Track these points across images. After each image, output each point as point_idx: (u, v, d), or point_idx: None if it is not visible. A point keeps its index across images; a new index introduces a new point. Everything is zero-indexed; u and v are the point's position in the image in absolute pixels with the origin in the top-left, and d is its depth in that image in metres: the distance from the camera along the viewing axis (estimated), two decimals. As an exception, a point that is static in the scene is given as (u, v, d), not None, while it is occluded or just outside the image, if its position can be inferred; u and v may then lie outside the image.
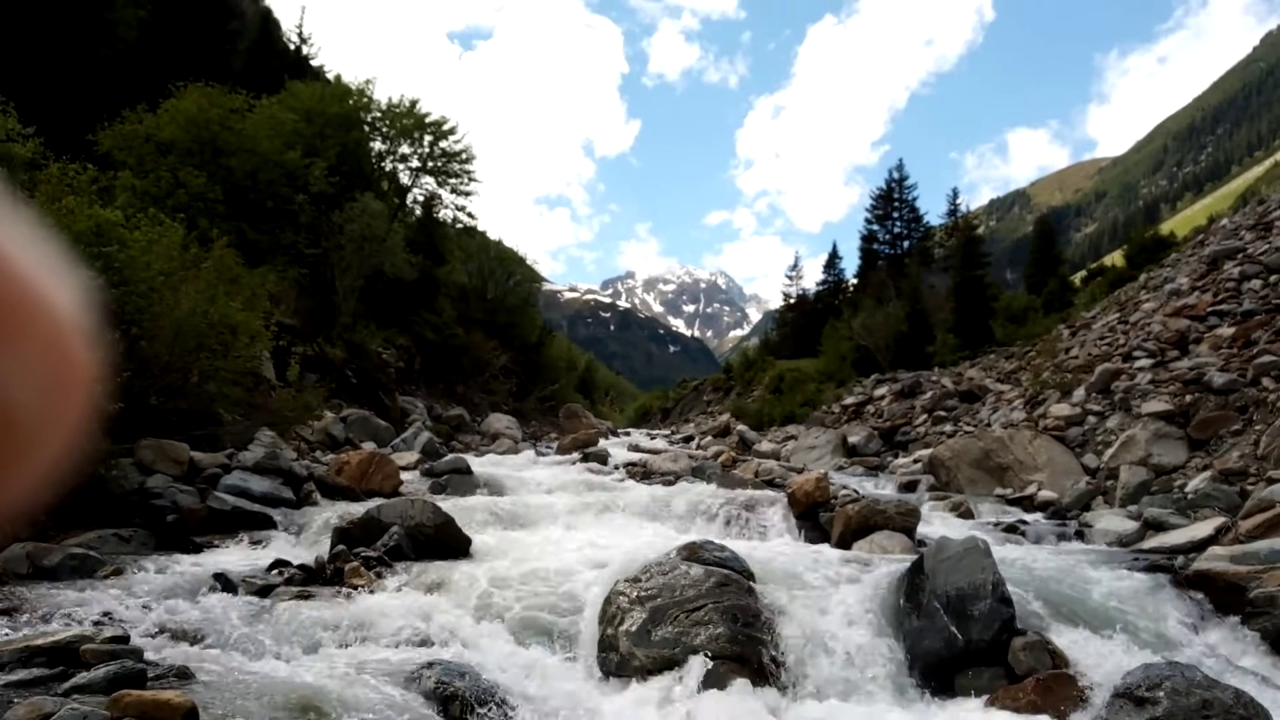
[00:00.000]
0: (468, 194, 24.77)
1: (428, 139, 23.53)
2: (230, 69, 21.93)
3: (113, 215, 7.56)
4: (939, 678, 4.06)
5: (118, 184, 13.49)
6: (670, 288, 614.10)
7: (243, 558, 5.81)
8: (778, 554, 5.59)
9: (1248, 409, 8.61)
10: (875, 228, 41.59)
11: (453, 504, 6.88)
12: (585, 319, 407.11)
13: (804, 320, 42.59)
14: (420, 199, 25.67)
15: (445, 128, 23.52)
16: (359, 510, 6.22)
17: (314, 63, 29.93)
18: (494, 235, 30.37)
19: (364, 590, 4.76)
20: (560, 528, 6.96)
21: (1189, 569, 4.98)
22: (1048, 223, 39.03)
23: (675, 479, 9.68)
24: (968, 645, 4.04)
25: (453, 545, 5.65)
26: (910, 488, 10.33)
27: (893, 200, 41.24)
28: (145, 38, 20.23)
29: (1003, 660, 4.01)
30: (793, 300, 48.87)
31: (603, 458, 11.97)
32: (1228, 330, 10.57)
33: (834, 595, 4.62)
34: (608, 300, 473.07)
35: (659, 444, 16.60)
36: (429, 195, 25.39)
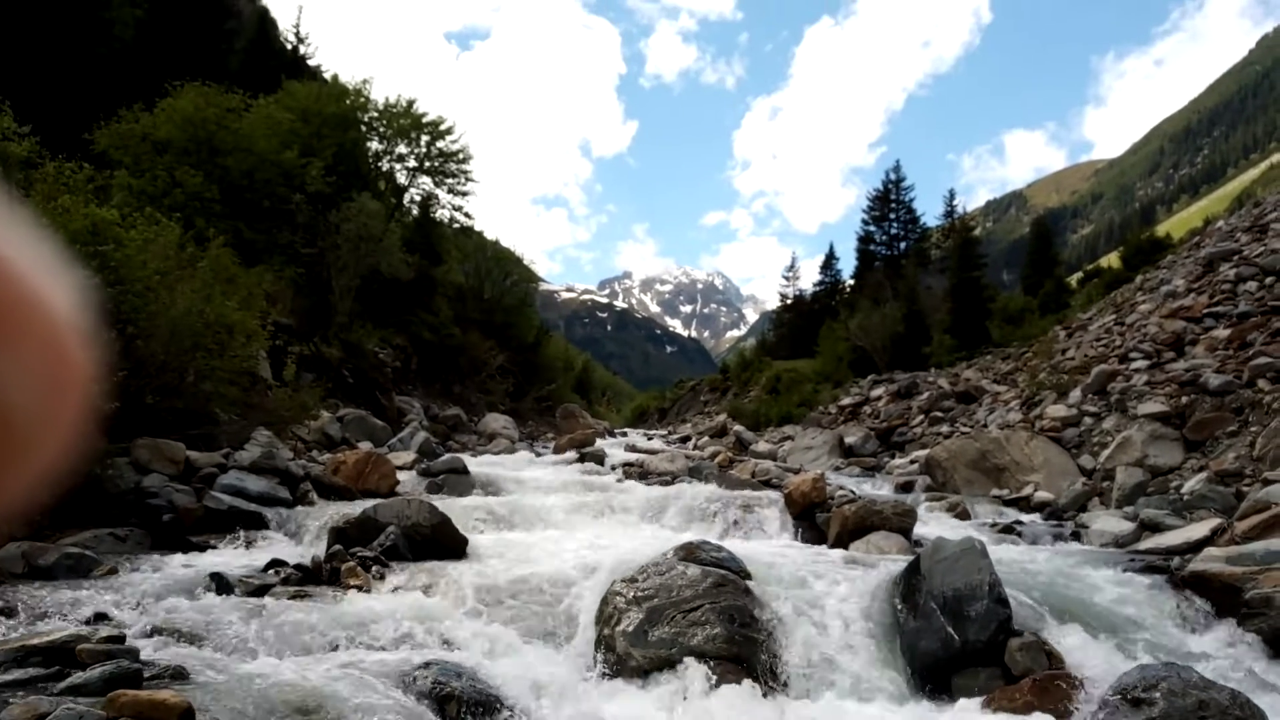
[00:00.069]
0: (465, 194, 24.77)
1: (425, 139, 23.51)
2: (227, 68, 21.90)
3: (109, 214, 7.53)
4: (936, 678, 4.07)
5: (114, 183, 13.46)
6: (667, 288, 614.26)
7: (239, 557, 5.79)
8: (775, 554, 5.58)
9: (1243, 410, 8.64)
10: (872, 229, 41.68)
11: (449, 504, 6.87)
12: (582, 319, 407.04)
13: (801, 321, 42.65)
14: (417, 199, 25.67)
15: (442, 127, 23.51)
16: (355, 510, 6.20)
17: (311, 62, 29.90)
18: (491, 235, 30.41)
19: (360, 590, 4.75)
20: (557, 528, 6.95)
21: (1185, 570, 4.99)
22: (1044, 224, 39.10)
23: (672, 479, 9.67)
24: (964, 646, 4.04)
25: (449, 545, 5.64)
26: (907, 488, 10.34)
27: (890, 201, 41.32)
28: (142, 37, 20.20)
29: (999, 661, 4.01)
30: (789, 301, 48.95)
31: (600, 458, 11.96)
32: (1224, 332, 10.60)
33: (831, 595, 4.62)
34: (605, 300, 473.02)
35: (656, 444, 16.60)
36: (426, 195, 25.40)
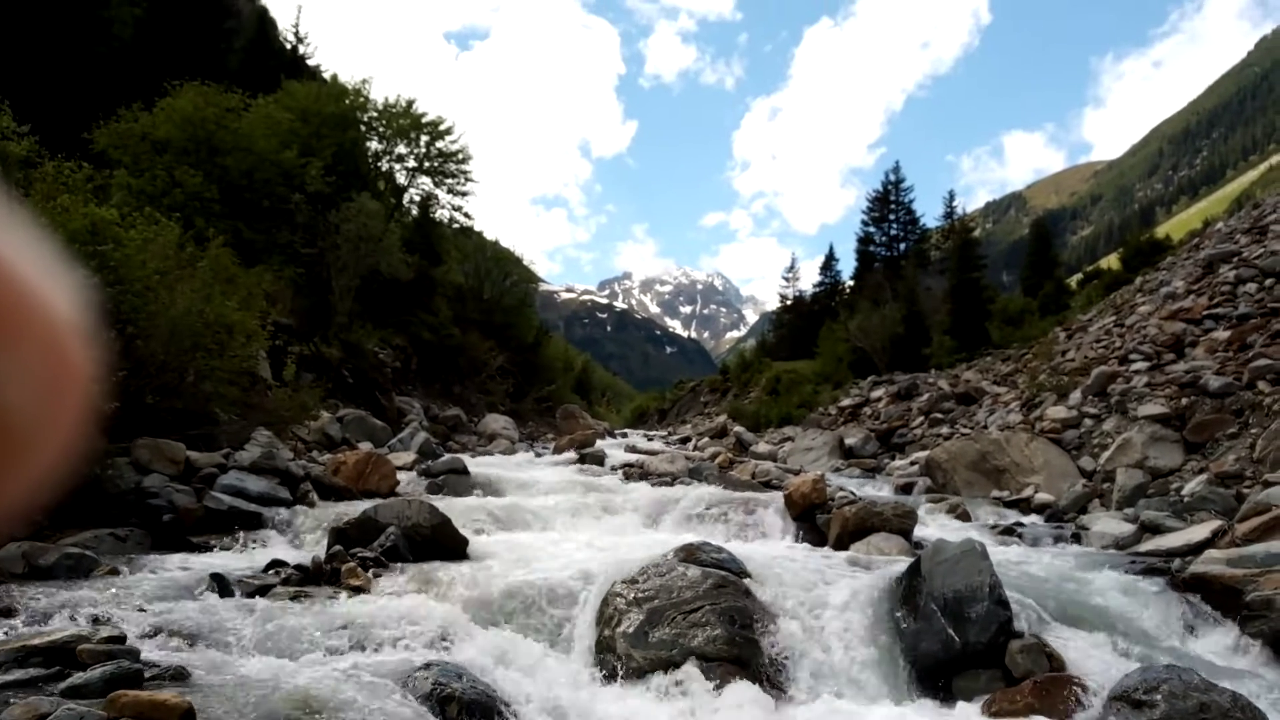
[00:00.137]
0: (464, 194, 24.76)
1: (424, 139, 23.50)
2: (226, 68, 21.89)
3: (108, 214, 7.52)
4: (936, 680, 4.06)
5: (113, 183, 13.45)
6: (667, 289, 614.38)
7: (239, 558, 5.79)
8: (775, 555, 5.58)
9: (1243, 412, 8.64)
10: (872, 230, 41.70)
11: (449, 504, 6.86)
12: (582, 319, 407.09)
13: (801, 322, 42.67)
14: (417, 199, 25.66)
15: (442, 128, 23.50)
16: (355, 510, 6.19)
17: (310, 62, 29.89)
18: (491, 235, 30.41)
19: (361, 591, 4.75)
20: (557, 529, 6.95)
21: (1185, 572, 4.99)
22: (1044, 225, 39.08)
23: (672, 480, 9.67)
24: (965, 647, 4.04)
25: (450, 546, 5.63)
26: (907, 490, 10.34)
27: (889, 202, 41.33)
28: (141, 36, 20.19)
29: (1000, 663, 4.01)
30: (789, 302, 48.97)
31: (600, 459, 11.96)
32: (1223, 333, 10.60)
33: (831, 597, 4.61)
34: (604, 301, 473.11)
35: (656, 445, 16.60)
36: (425, 195, 25.39)
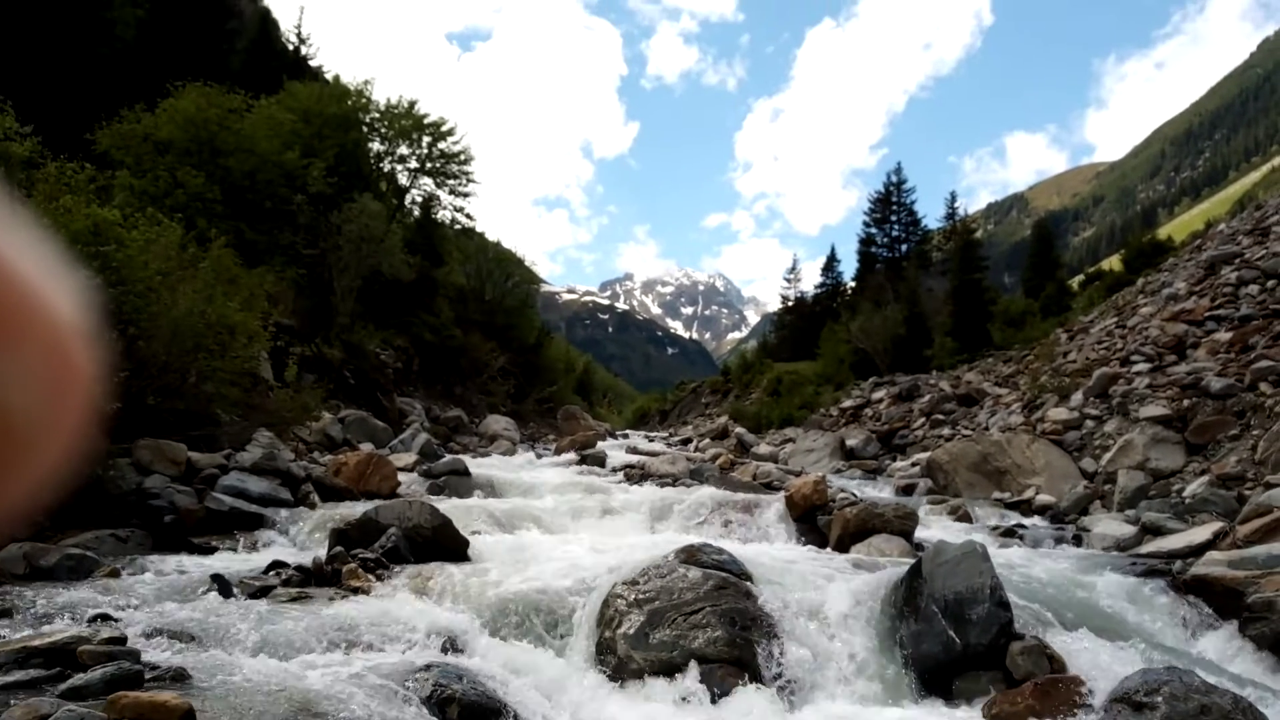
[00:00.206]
0: (466, 195, 24.78)
1: (426, 140, 23.52)
2: (229, 69, 21.92)
3: (110, 214, 7.53)
4: (937, 681, 4.06)
5: (116, 183, 13.47)
6: (668, 290, 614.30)
7: (240, 559, 5.79)
8: (776, 557, 5.58)
9: (1245, 414, 8.63)
10: (873, 231, 41.71)
11: (450, 505, 6.87)
12: (583, 320, 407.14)
13: (802, 323, 42.66)
14: (418, 200, 25.68)
15: (444, 128, 23.52)
16: (357, 511, 6.19)
17: (312, 63, 29.92)
18: (492, 236, 30.40)
19: (361, 592, 4.75)
20: (558, 530, 6.96)
21: (1187, 574, 4.98)
22: (1045, 227, 39.06)
23: (673, 481, 9.67)
24: (966, 649, 4.04)
25: (450, 547, 5.63)
26: (908, 491, 10.34)
27: (891, 203, 41.34)
28: (143, 37, 20.22)
29: (1001, 664, 4.00)
30: (791, 303, 48.97)
31: (601, 460, 11.97)
32: (1225, 335, 10.59)
33: (831, 599, 4.61)
34: (606, 302, 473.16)
35: (657, 446, 16.60)
36: (427, 196, 25.41)
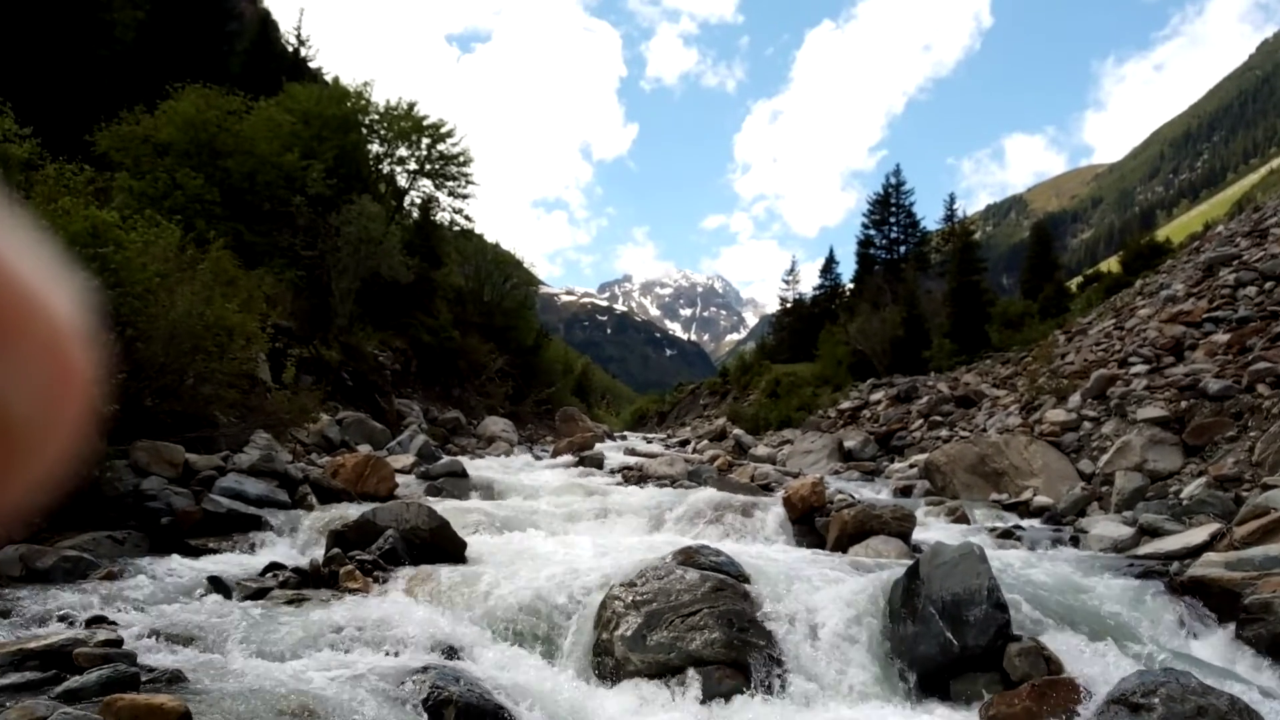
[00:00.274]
0: (465, 196, 24.75)
1: (425, 141, 23.49)
2: (228, 70, 21.94)
3: (109, 216, 7.53)
4: (934, 683, 4.06)
5: (115, 185, 13.48)
6: (667, 291, 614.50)
7: (237, 560, 5.78)
8: (773, 558, 5.58)
9: (1243, 415, 8.64)
10: (872, 232, 41.80)
11: (448, 507, 6.86)
12: (582, 322, 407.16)
13: (800, 325, 42.71)
14: (418, 201, 25.65)
15: (443, 130, 23.49)
16: (354, 513, 6.19)
17: (312, 65, 29.97)
18: (491, 238, 30.31)
19: (359, 594, 4.75)
20: (556, 532, 6.95)
21: (1184, 575, 4.99)
22: (1044, 228, 39.08)
23: (671, 483, 9.67)
24: (963, 651, 4.04)
25: (448, 549, 5.63)
26: (906, 493, 10.34)
27: (890, 205, 41.42)
28: (143, 39, 20.23)
29: (998, 666, 4.01)
30: (789, 305, 49.05)
31: (599, 461, 11.97)
32: (1223, 337, 10.60)
33: (829, 600, 4.61)
34: (604, 303, 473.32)
35: (655, 448, 16.61)
36: (426, 198, 25.38)
